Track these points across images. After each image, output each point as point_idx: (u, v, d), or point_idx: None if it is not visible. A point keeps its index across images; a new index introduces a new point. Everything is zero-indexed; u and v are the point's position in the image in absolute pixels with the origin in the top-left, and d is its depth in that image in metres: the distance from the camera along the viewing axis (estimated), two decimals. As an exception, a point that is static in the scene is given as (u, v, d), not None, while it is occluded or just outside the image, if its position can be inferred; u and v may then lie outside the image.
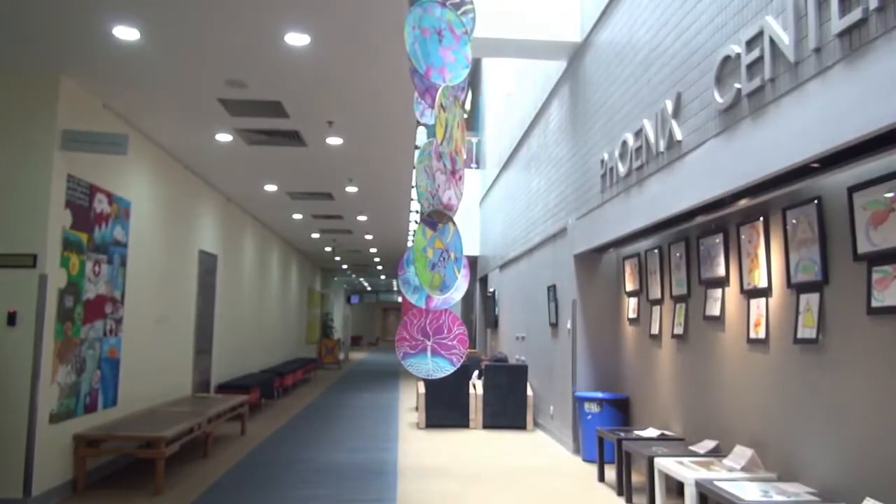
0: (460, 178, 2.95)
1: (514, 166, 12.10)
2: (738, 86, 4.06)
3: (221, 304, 10.20)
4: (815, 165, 3.49)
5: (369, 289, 41.88)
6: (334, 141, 7.14)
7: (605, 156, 6.61)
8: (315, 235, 14.92)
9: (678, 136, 4.93)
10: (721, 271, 5.13)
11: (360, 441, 8.33)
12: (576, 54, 7.94)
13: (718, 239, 5.18)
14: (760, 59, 3.82)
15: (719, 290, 5.19)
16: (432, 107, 2.69)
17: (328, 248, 17.49)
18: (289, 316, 16.91)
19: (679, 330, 5.85)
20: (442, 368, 3.43)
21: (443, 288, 2.80)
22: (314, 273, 22.53)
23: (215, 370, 9.97)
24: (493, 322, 14.20)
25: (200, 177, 8.93)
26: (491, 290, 14.51)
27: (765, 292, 4.54)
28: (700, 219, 5.12)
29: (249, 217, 12.02)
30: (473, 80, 18.82)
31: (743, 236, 4.82)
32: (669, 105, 5.09)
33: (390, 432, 9.04)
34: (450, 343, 3.57)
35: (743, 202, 4.46)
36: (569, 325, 7.91)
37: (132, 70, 5.28)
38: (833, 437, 3.78)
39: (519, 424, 9.36)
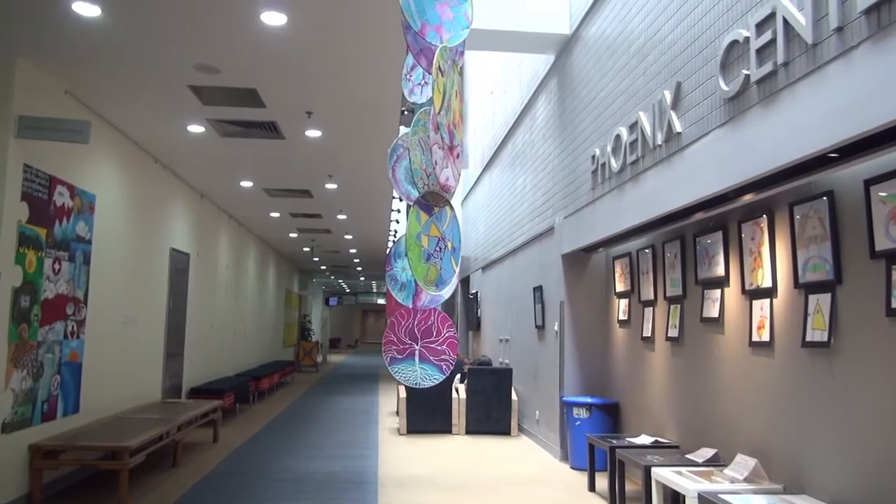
0: (458, 155, 2.65)
1: (497, 165, 11.83)
2: (746, 72, 3.81)
3: (194, 304, 9.79)
4: (834, 155, 3.24)
5: (348, 291, 41.39)
6: (313, 133, 6.80)
7: (597, 151, 6.36)
8: (293, 235, 14.53)
9: (677, 127, 4.68)
10: (720, 271, 4.89)
11: (338, 448, 7.98)
12: (564, 48, 7.68)
13: (717, 237, 4.94)
14: (772, 42, 3.57)
15: (718, 291, 4.95)
16: (428, 70, 2.39)
17: (306, 249, 17.09)
18: (265, 318, 16.49)
19: (674, 332, 5.60)
20: (430, 377, 3.14)
21: (439, 283, 2.51)
22: (292, 274, 22.09)
23: (187, 374, 9.56)
24: (475, 324, 13.91)
25: (172, 171, 8.54)
26: (473, 291, 14.23)
27: (769, 293, 4.29)
28: (699, 215, 4.87)
29: (225, 215, 11.62)
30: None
31: (745, 234, 4.58)
32: (668, 96, 4.83)
33: (370, 439, 8.71)
34: (439, 348, 3.29)
35: (747, 197, 4.22)
36: (556, 328, 7.65)
37: (94, 52, 4.90)
38: (845, 447, 3.53)
39: (503, 430, 9.07)
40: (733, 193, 4.21)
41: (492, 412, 9.11)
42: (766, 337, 4.32)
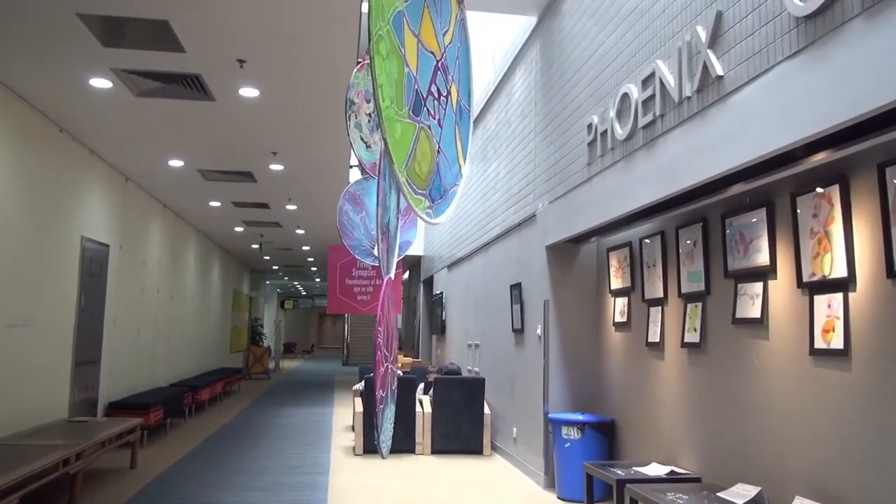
0: None
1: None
2: (837, -26, 2.75)
3: (115, 304, 8.41)
4: None
5: (304, 293, 39.81)
6: (249, 92, 5.56)
7: (594, 119, 5.28)
8: (239, 229, 13.16)
9: (717, 70, 3.61)
10: (763, 259, 3.85)
11: (281, 474, 6.72)
12: (550, 5, 6.60)
13: (758, 216, 3.91)
14: (890, -80, 2.51)
15: (759, 285, 3.91)
16: None
17: (255, 246, 15.68)
18: (209, 321, 15.02)
19: (693, 337, 4.55)
20: (388, 431, 2.04)
21: (435, 189, 1.40)
22: (241, 274, 20.60)
23: (106, 386, 8.17)
24: (439, 328, 12.76)
25: (85, 145, 7.17)
26: (438, 292, 13.08)
27: (843, 285, 3.25)
28: (738, 188, 3.82)
29: (157, 203, 10.21)
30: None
31: (802, 209, 3.55)
32: (702, 32, 3.77)
33: (320, 461, 7.47)
34: (392, 367, 2.17)
35: (819, 157, 3.16)
36: (538, 331, 6.55)
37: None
38: None
39: (474, 449, 7.92)
40: (802, 151, 3.16)
41: (461, 428, 7.96)
42: (837, 343, 3.27)
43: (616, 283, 5.82)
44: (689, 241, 4.65)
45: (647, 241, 5.27)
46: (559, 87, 6.23)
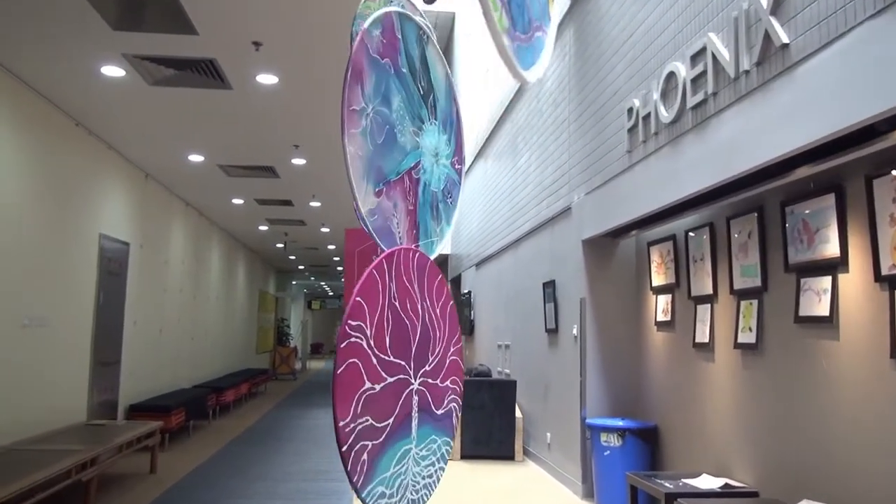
0: None
1: (492, 151, 10.37)
2: (937, -87, 2.37)
3: (136, 304, 8.22)
4: None
5: (331, 294, 39.79)
6: (267, 79, 5.28)
7: (636, 102, 4.90)
8: (263, 228, 12.96)
9: (782, 38, 3.23)
10: (831, 250, 3.45)
11: (304, 481, 6.45)
12: (584, -14, 6.24)
13: (826, 202, 3.50)
14: None
15: (827, 279, 3.51)
16: None
17: (280, 245, 15.49)
18: (234, 321, 14.86)
19: (748, 337, 4.16)
20: (434, 478, 1.71)
21: (517, 10, 1.65)
22: (267, 274, 20.47)
23: (126, 388, 7.98)
24: (467, 328, 12.42)
25: (102, 140, 6.98)
26: (466, 291, 12.74)
27: (932, 278, 2.85)
28: (804, 171, 3.43)
29: (179, 200, 10.02)
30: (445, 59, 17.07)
31: (880, 193, 3.15)
32: (762, -2, 3.38)
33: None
34: (443, 385, 1.83)
35: (906, 131, 2.77)
36: (574, 331, 6.18)
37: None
38: None
39: (506, 454, 7.57)
40: (885, 126, 2.77)
41: (493, 433, 7.61)
42: (925, 344, 2.88)
43: (658, 279, 5.44)
44: (742, 233, 4.26)
45: (692, 233, 4.88)
46: (595, 72, 5.86)
